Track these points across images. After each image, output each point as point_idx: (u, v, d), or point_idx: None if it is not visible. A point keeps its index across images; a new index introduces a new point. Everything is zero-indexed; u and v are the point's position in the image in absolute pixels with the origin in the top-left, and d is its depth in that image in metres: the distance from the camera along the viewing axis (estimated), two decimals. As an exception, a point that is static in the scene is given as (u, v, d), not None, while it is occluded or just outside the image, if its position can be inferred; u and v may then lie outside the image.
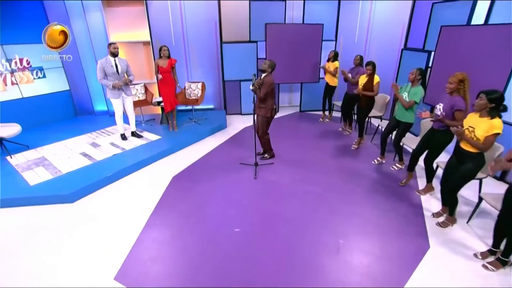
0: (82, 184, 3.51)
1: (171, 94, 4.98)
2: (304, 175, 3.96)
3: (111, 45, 4.31)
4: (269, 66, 3.82)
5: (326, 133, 5.54)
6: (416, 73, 3.60)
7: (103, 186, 3.69)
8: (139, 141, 4.82)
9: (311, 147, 4.88)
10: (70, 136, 5.11)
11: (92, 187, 3.58)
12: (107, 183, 3.73)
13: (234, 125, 5.92)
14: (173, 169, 4.12)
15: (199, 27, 5.82)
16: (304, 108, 6.84)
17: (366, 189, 3.62)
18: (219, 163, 4.28)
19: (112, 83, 4.34)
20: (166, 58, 4.79)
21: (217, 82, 6.33)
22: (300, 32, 6.00)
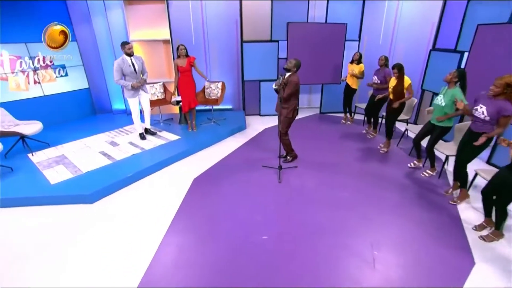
0: (102, 184, 3.43)
1: (191, 94, 4.87)
2: (330, 179, 3.77)
3: (126, 46, 4.20)
4: (295, 65, 3.67)
5: (349, 135, 5.32)
6: (454, 74, 3.36)
7: (123, 186, 3.60)
8: (158, 140, 4.73)
9: (334, 150, 4.68)
10: (89, 135, 5.07)
11: (112, 188, 3.49)
12: (127, 183, 3.64)
13: (254, 126, 5.78)
14: (194, 170, 4.00)
15: (219, 25, 5.72)
16: (325, 110, 6.64)
17: (397, 196, 3.40)
18: (241, 166, 4.13)
19: (131, 84, 4.27)
20: (184, 57, 4.69)
21: (236, 82, 6.21)
22: (322, 32, 5.81)
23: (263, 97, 6.28)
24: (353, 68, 5.40)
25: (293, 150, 4.21)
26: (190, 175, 3.87)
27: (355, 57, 5.36)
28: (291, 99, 3.73)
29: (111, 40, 5.72)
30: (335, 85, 6.28)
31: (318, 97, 6.96)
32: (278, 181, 3.68)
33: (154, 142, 4.67)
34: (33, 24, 5.18)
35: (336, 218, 3.00)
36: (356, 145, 4.87)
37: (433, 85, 5.15)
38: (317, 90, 6.92)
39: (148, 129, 4.97)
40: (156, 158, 4.10)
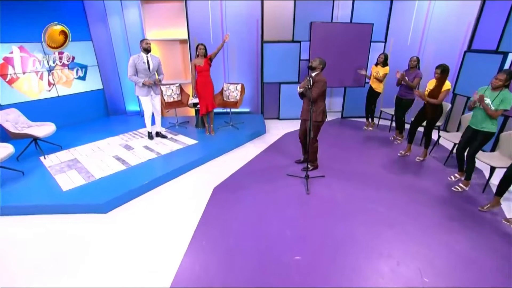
0: (116, 192, 3.18)
1: (209, 96, 4.61)
2: (361, 191, 3.43)
3: (143, 41, 4.13)
4: (320, 62, 3.42)
5: (374, 141, 4.97)
6: (505, 77, 3.00)
7: (139, 195, 3.35)
8: (175, 145, 4.48)
9: (361, 158, 4.34)
10: (103, 137, 4.87)
11: (127, 196, 3.24)
12: (142, 192, 3.39)
13: (273, 131, 5.48)
14: (214, 178, 3.73)
15: (239, 25, 5.46)
16: (347, 114, 6.30)
17: (437, 212, 3.03)
18: (264, 174, 3.84)
19: (143, 80, 4.15)
20: (202, 57, 4.46)
21: (255, 84, 5.94)
22: (347, 32, 5.49)
23: (283, 100, 5.99)
24: (377, 70, 5.06)
25: (316, 160, 3.90)
26: (210, 184, 3.59)
27: (379, 59, 5.01)
28: (318, 101, 3.46)
29: (126, 40, 5.53)
30: (357, 88, 5.94)
31: (339, 101, 6.65)
32: (306, 192, 3.36)
33: (170, 147, 4.42)
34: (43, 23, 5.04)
35: (374, 235, 2.67)
36: (384, 153, 4.52)
37: (468, 89, 4.76)
38: (338, 93, 6.61)
39: (159, 132, 4.77)
40: (173, 165, 3.84)
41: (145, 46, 4.09)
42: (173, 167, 3.77)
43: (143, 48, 4.11)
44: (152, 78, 4.29)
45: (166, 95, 5.17)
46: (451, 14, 5.04)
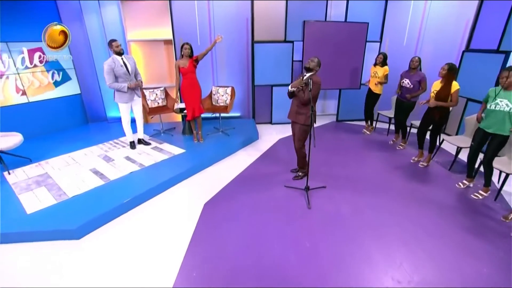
0: (92, 213, 2.75)
1: (195, 100, 4.23)
2: (367, 201, 3.14)
3: (113, 43, 3.71)
4: (318, 63, 3.15)
5: (374, 146, 4.71)
6: (508, 74, 2.79)
7: (118, 215, 2.93)
8: (160, 155, 4.07)
9: (363, 165, 4.05)
10: (80, 147, 4.40)
11: (105, 218, 2.81)
12: (122, 211, 2.97)
13: (266, 137, 5.14)
14: (204, 192, 3.34)
15: (228, 24, 5.11)
16: (342, 118, 6.04)
17: (456, 224, 2.76)
18: (259, 186, 3.48)
19: (128, 84, 3.75)
20: (187, 58, 4.08)
21: (245, 86, 5.59)
22: (341, 32, 5.24)
23: (275, 103, 5.67)
24: (376, 71, 4.83)
25: (307, 166, 3.58)
26: (200, 199, 3.21)
27: (378, 59, 4.78)
28: (309, 103, 3.13)
29: (105, 41, 5.08)
30: (353, 90, 5.70)
31: (333, 103, 6.41)
32: (307, 206, 3.03)
33: (154, 157, 4.00)
34: (18, 23, 4.56)
35: (390, 257, 2.36)
36: (385, 159, 4.26)
37: (468, 90, 4.58)
38: (332, 95, 6.35)
39: (141, 139, 4.38)
40: (158, 178, 3.43)
41: (117, 49, 3.69)
42: (157, 181, 3.36)
43: (114, 51, 3.71)
44: (133, 81, 3.90)
45: (150, 100, 4.75)
46: (448, 13, 4.87)
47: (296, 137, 3.40)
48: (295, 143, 3.44)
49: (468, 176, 3.46)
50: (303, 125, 3.26)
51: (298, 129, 3.33)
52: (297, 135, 3.38)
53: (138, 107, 4.14)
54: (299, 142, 3.39)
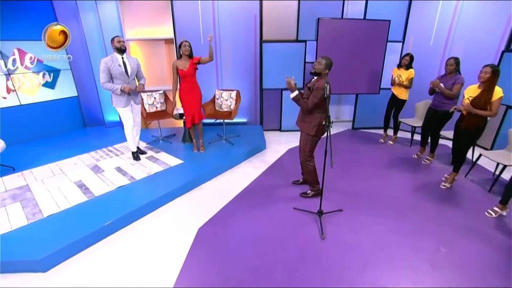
0: (65, 239, 2.33)
1: (195, 105, 3.79)
2: (393, 229, 2.61)
3: (115, 39, 3.32)
4: (326, 65, 2.69)
5: (396, 159, 4.14)
6: None
7: (97, 241, 2.50)
8: (154, 166, 3.64)
9: (385, 182, 3.51)
10: (70, 155, 4.04)
11: (79, 245, 2.38)
12: (102, 236, 2.54)
13: (274, 146, 4.65)
14: (199, 213, 2.88)
15: (234, 22, 4.66)
16: (358, 125, 5.49)
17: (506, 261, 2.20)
18: (264, 207, 2.99)
19: (121, 86, 3.31)
20: (187, 58, 3.64)
21: (252, 90, 5.13)
22: (360, 30, 4.71)
23: (285, 109, 5.18)
24: (400, 74, 4.28)
25: (318, 182, 3.09)
26: (194, 222, 2.75)
27: (404, 61, 4.23)
28: (314, 111, 2.74)
29: (102, 41, 4.73)
30: (371, 95, 5.15)
31: (349, 109, 5.87)
32: (320, 237, 2.52)
33: (148, 169, 3.58)
34: (11, 22, 4.27)
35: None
36: (411, 175, 3.70)
37: (509, 95, 3.96)
38: (348, 100, 5.82)
39: (137, 148, 3.93)
40: (149, 195, 3.00)
41: (118, 45, 3.27)
42: (147, 199, 2.92)
43: (115, 47, 3.30)
44: (131, 84, 3.47)
45: (147, 104, 4.35)
46: (484, 10, 4.27)
47: (300, 147, 2.98)
48: (300, 154, 3.04)
49: (503, 201, 2.84)
50: (307, 135, 2.85)
51: (302, 138, 2.94)
52: (301, 145, 2.97)
53: (136, 111, 3.71)
54: (303, 152, 2.97)
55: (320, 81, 2.65)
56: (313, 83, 2.71)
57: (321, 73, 2.70)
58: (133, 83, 3.51)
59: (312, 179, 3.08)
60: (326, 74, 2.73)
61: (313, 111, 2.75)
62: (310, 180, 3.10)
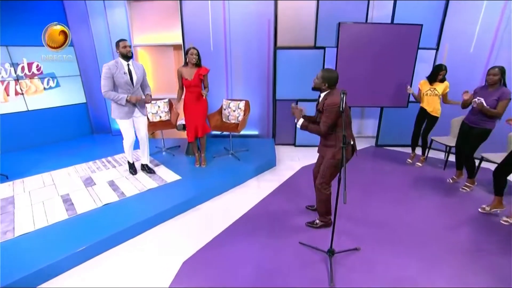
0: (29, 267, 2.01)
1: (199, 118, 3.45)
2: (424, 276, 2.04)
3: (121, 43, 2.94)
4: (323, 78, 2.25)
5: (427, 184, 3.51)
6: None
7: (66, 269, 2.16)
8: (149, 181, 3.31)
9: (413, 211, 2.91)
10: (68, 164, 3.84)
11: (42, 276, 2.05)
12: (72, 264, 2.19)
13: (286, 162, 4.19)
14: (187, 242, 2.47)
15: (247, 26, 4.32)
16: (383, 142, 4.89)
17: None
18: (265, 238, 2.53)
19: (127, 96, 2.94)
20: (193, 67, 3.31)
21: (265, 101, 4.73)
22: (386, 36, 4.19)
23: (300, 122, 4.71)
24: (435, 88, 3.70)
25: (330, 213, 2.60)
26: (180, 253, 2.34)
27: (441, 74, 3.62)
28: (336, 130, 2.28)
29: (110, 46, 4.57)
30: (399, 109, 4.56)
31: (372, 123, 5.29)
32: (329, 284, 2.01)
33: (142, 184, 3.25)
34: (20, 25, 4.23)
35: None
36: (445, 204, 3.07)
37: None
38: (372, 114, 5.24)
39: (145, 166, 3.54)
40: (137, 215, 2.65)
41: (124, 50, 2.91)
42: (131, 221, 2.57)
43: (120, 53, 2.93)
44: (136, 94, 3.11)
45: (151, 113, 4.08)
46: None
47: (320, 172, 2.47)
48: (317, 178, 2.51)
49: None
50: (330, 160, 2.36)
51: (323, 163, 2.43)
52: (321, 170, 2.45)
53: (142, 125, 3.30)
54: (321, 179, 2.46)
55: (330, 98, 2.22)
56: (322, 103, 2.26)
57: (320, 88, 2.29)
58: (138, 93, 3.17)
59: (325, 209, 2.59)
60: (333, 88, 2.27)
61: (334, 132, 2.29)
62: (322, 210, 2.61)
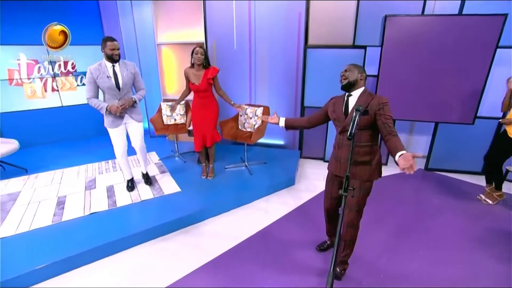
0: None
1: (207, 125, 3.07)
2: None
3: (108, 43, 2.51)
4: (358, 68, 1.80)
5: (501, 234, 2.58)
6: None
7: (33, 283, 1.95)
8: (146, 191, 3.03)
9: (472, 271, 2.09)
10: (83, 162, 3.85)
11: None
12: (33, 281, 1.97)
13: (308, 182, 3.56)
14: (167, 271, 2.08)
15: (274, 21, 3.80)
16: (436, 165, 3.92)
17: None
18: (261, 277, 2.01)
19: (107, 106, 2.59)
20: (200, 68, 2.93)
21: (291, 107, 4.16)
22: (449, 31, 3.29)
23: (331, 133, 4.04)
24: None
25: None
26: (160, 279, 1.96)
27: None
28: (372, 140, 1.77)
29: (136, 44, 4.50)
30: (463, 125, 3.59)
31: (424, 141, 4.31)
32: None
33: (137, 194, 2.98)
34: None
35: None
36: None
37: None
38: (424, 129, 4.25)
39: (145, 175, 3.21)
40: (120, 231, 2.36)
41: (110, 52, 2.51)
42: (115, 235, 2.29)
43: (106, 54, 2.54)
44: (125, 99, 2.69)
45: (165, 115, 3.84)
46: None
47: (354, 204, 1.81)
48: (348, 213, 1.84)
49: None
50: (367, 182, 1.79)
51: (357, 190, 1.77)
52: (356, 200, 1.80)
53: (136, 133, 2.89)
54: (356, 213, 1.84)
55: (372, 95, 1.74)
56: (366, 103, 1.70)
57: (356, 84, 1.77)
58: (128, 97, 2.72)
59: (351, 250, 1.97)
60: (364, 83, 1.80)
61: (371, 142, 1.76)
62: (350, 252, 1.98)
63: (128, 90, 2.74)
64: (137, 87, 2.85)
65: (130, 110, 2.79)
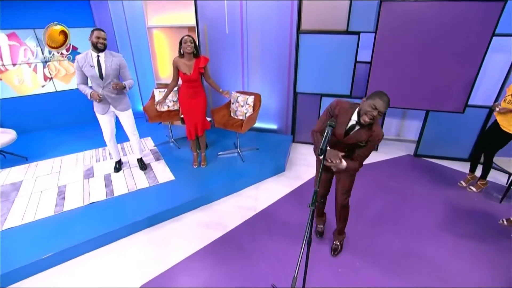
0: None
1: (197, 113, 3.13)
2: None
3: (95, 32, 2.64)
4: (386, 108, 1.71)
5: (473, 219, 2.74)
6: None
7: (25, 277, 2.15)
8: (142, 179, 3.18)
9: (442, 254, 2.28)
10: (81, 149, 3.94)
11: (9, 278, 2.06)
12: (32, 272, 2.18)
13: (299, 168, 3.69)
14: (148, 264, 2.27)
15: (266, 7, 3.69)
16: (424, 151, 4.01)
17: None
18: (238, 273, 2.20)
19: (90, 92, 2.78)
20: (191, 57, 2.92)
21: (284, 93, 4.16)
22: (444, 17, 3.20)
23: (322, 120, 4.08)
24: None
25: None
26: (139, 274, 2.16)
27: None
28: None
29: (126, 27, 4.39)
30: (452, 114, 3.62)
31: (415, 126, 4.38)
32: None
33: (133, 182, 3.13)
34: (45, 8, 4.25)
35: None
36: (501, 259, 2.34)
37: None
38: (417, 114, 4.29)
39: (139, 160, 3.40)
40: (115, 221, 2.54)
41: (95, 40, 2.63)
42: (111, 226, 2.47)
43: (92, 43, 2.66)
44: (107, 88, 2.83)
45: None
46: None
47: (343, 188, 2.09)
48: (339, 196, 2.13)
49: None
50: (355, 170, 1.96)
51: (345, 177, 2.06)
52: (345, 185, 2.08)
53: (125, 121, 3.08)
54: (346, 194, 2.12)
55: (375, 127, 1.78)
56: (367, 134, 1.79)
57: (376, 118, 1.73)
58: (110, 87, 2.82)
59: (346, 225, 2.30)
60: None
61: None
62: (344, 227, 2.30)
63: (112, 80, 2.82)
64: (124, 78, 2.94)
65: (114, 100, 2.90)
